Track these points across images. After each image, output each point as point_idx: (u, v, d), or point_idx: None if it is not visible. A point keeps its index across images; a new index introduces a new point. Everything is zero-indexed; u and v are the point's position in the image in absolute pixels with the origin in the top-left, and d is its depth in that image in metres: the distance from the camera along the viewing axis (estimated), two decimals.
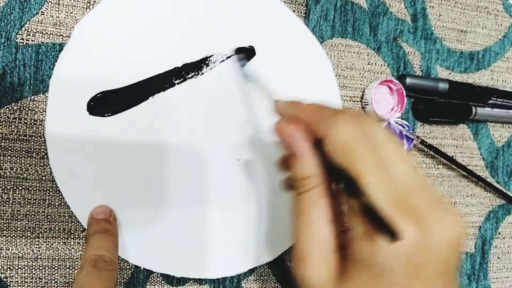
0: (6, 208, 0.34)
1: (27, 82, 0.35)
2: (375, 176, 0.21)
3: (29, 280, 0.35)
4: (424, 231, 0.20)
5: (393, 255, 0.20)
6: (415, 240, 0.20)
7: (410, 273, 0.20)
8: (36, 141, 0.35)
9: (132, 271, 0.37)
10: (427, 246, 0.20)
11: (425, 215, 0.21)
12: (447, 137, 0.48)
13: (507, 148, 0.51)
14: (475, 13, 0.50)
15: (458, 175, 0.49)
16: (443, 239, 0.21)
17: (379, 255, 0.20)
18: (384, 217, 0.20)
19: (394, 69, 0.46)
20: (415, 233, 0.20)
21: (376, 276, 0.21)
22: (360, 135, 0.22)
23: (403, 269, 0.20)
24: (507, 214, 0.51)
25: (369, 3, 0.45)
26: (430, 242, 0.20)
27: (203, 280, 0.38)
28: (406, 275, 0.20)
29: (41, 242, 0.35)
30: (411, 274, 0.20)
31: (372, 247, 0.20)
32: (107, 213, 0.35)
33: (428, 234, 0.20)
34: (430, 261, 0.21)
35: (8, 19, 0.34)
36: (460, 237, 0.21)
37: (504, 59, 0.52)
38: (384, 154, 0.22)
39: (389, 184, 0.21)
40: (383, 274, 0.20)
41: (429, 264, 0.21)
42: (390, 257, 0.20)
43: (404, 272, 0.20)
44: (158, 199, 0.37)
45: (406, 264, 0.20)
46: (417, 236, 0.20)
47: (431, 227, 0.20)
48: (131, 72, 0.36)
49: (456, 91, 0.47)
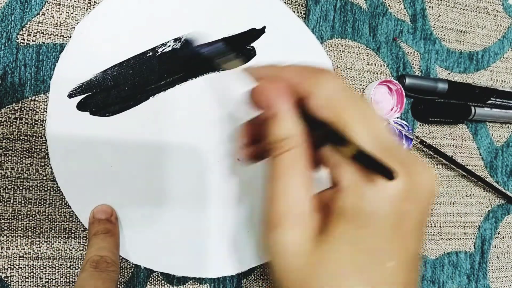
0: (7, 208, 0.34)
1: (28, 82, 0.35)
2: (361, 126, 0.21)
3: (30, 280, 0.35)
4: (409, 180, 0.21)
5: (383, 201, 0.20)
6: (403, 186, 0.20)
7: (396, 220, 0.21)
8: (37, 141, 0.35)
9: (132, 271, 0.37)
10: (413, 193, 0.21)
11: (408, 165, 0.21)
12: (446, 137, 0.49)
13: (506, 148, 0.51)
14: (474, 14, 0.51)
15: (457, 175, 0.49)
16: (425, 188, 0.21)
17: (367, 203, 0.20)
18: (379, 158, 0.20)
19: (393, 69, 0.46)
20: (403, 179, 0.20)
21: (360, 228, 0.21)
22: (343, 90, 0.22)
23: (390, 216, 0.20)
24: (506, 214, 0.51)
25: (368, 3, 0.45)
26: (415, 191, 0.21)
27: (203, 279, 0.39)
28: (392, 223, 0.21)
29: (42, 241, 0.35)
30: (397, 222, 0.21)
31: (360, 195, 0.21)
32: (109, 212, 0.35)
33: (413, 183, 0.21)
34: (414, 210, 0.21)
35: (9, 20, 0.34)
36: (435, 189, 0.22)
37: (503, 59, 0.52)
38: (365, 110, 0.22)
39: (375, 135, 0.21)
40: (368, 224, 0.21)
41: (412, 213, 0.21)
42: (379, 204, 0.20)
43: (390, 218, 0.20)
44: (158, 199, 0.37)
45: (394, 210, 0.20)
46: (405, 182, 0.20)
47: (416, 176, 0.21)
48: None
49: (456, 91, 0.47)
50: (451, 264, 0.48)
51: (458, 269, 0.48)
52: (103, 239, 0.33)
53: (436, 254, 0.47)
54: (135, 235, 0.36)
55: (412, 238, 0.21)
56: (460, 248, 0.48)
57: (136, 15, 0.37)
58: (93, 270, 0.30)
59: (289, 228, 0.21)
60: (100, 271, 0.30)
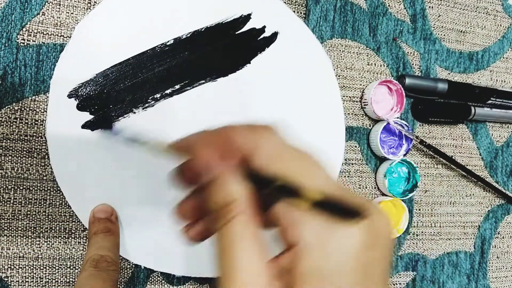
0: (7, 208, 0.34)
1: (28, 82, 0.35)
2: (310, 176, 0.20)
3: (30, 280, 0.35)
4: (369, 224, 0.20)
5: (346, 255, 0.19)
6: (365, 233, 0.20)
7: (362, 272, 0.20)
8: (37, 141, 0.35)
9: (132, 271, 0.37)
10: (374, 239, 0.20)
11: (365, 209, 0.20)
12: (446, 137, 0.49)
13: (506, 148, 0.51)
14: (474, 14, 0.51)
15: (457, 175, 0.49)
16: (384, 232, 0.21)
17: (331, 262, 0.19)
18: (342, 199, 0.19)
19: (393, 69, 0.46)
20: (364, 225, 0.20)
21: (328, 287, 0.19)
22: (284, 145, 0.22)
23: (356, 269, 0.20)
24: (506, 213, 0.51)
25: (368, 3, 0.45)
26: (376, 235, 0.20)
27: (203, 279, 0.39)
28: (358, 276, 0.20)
29: (42, 241, 0.35)
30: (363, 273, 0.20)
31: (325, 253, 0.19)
32: (109, 212, 0.35)
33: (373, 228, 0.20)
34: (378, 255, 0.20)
35: (9, 20, 0.34)
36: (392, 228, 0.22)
37: (503, 59, 0.52)
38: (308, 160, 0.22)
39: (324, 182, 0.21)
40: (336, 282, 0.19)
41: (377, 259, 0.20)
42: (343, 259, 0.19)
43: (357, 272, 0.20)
44: (158, 199, 0.37)
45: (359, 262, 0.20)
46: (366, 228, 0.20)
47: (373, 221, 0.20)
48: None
49: (455, 91, 0.47)
50: (451, 264, 0.48)
51: (458, 269, 0.48)
52: (103, 238, 0.33)
53: (436, 254, 0.47)
54: (135, 235, 0.36)
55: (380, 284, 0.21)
56: (460, 248, 0.48)
57: (136, 15, 0.37)
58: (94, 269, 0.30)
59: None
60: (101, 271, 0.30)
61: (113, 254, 0.32)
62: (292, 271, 0.20)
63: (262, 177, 0.21)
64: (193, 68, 0.38)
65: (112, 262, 0.32)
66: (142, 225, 0.36)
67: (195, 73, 0.38)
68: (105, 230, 0.34)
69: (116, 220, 0.35)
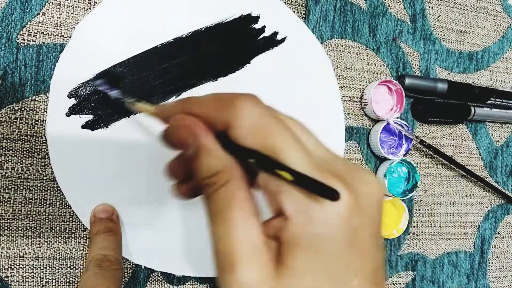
0: (8, 208, 0.34)
1: (28, 82, 0.35)
2: (293, 148, 0.20)
3: (30, 280, 0.35)
4: (354, 193, 0.20)
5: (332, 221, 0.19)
6: (349, 202, 0.19)
7: (349, 238, 0.20)
8: (37, 141, 0.35)
9: (132, 270, 0.37)
10: (360, 207, 0.20)
11: (349, 178, 0.20)
12: (446, 137, 0.49)
13: (506, 148, 0.51)
14: (474, 14, 0.51)
15: (457, 175, 0.49)
16: (371, 199, 0.20)
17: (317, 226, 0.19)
18: (319, 179, 0.19)
19: (393, 70, 0.46)
20: (348, 194, 0.19)
21: (317, 254, 0.20)
22: (267, 112, 0.21)
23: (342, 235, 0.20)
24: (505, 213, 0.51)
25: (368, 4, 0.46)
26: (362, 203, 0.20)
27: (203, 279, 0.39)
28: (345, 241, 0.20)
29: (42, 241, 0.35)
30: (350, 239, 0.20)
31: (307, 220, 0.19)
32: (110, 211, 0.35)
33: (358, 196, 0.20)
34: (365, 223, 0.20)
35: (9, 20, 0.35)
36: (383, 194, 0.21)
37: (503, 59, 0.52)
38: (295, 129, 0.21)
39: (308, 154, 0.20)
40: (323, 248, 0.20)
41: (365, 226, 0.20)
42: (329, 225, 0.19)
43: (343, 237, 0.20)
44: (158, 198, 0.37)
45: (345, 228, 0.20)
46: (350, 197, 0.19)
47: (358, 189, 0.20)
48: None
49: (455, 91, 0.47)
50: (451, 264, 0.48)
51: (458, 269, 0.48)
52: (105, 238, 0.33)
53: (436, 254, 0.47)
54: (135, 235, 0.36)
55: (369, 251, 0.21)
56: (460, 248, 0.48)
57: (135, 16, 0.37)
58: (97, 269, 0.30)
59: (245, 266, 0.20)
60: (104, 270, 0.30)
61: (115, 254, 0.32)
62: (281, 237, 0.20)
63: (242, 148, 0.20)
64: (193, 68, 0.38)
65: (115, 261, 0.32)
66: (142, 225, 0.36)
67: (195, 72, 0.38)
68: (107, 230, 0.34)
69: (117, 220, 0.35)
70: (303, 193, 0.20)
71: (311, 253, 0.20)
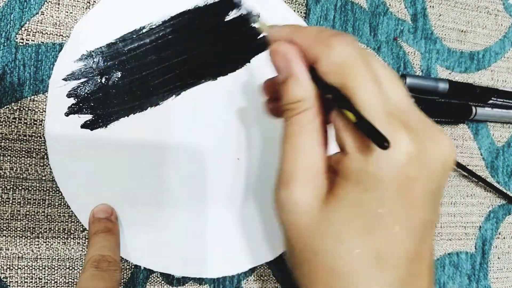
0: (6, 208, 0.34)
1: (27, 82, 0.35)
2: (368, 90, 0.21)
3: (29, 280, 0.35)
4: (418, 145, 0.20)
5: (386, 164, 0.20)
6: (408, 151, 0.20)
7: (401, 185, 0.20)
8: (36, 141, 0.35)
9: (132, 271, 0.37)
10: (421, 160, 0.20)
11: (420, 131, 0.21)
12: None
13: (507, 148, 0.51)
14: (475, 13, 0.50)
15: (458, 175, 0.49)
16: (437, 157, 0.21)
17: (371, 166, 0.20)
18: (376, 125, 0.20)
19: (394, 69, 0.46)
20: (409, 144, 0.20)
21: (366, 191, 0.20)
22: (356, 55, 0.21)
23: (394, 180, 0.20)
24: (507, 214, 0.51)
25: (369, 3, 0.45)
26: (424, 157, 0.20)
27: (203, 279, 0.38)
28: (396, 187, 0.20)
29: (41, 242, 0.35)
30: (402, 187, 0.20)
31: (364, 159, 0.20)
32: (109, 211, 0.35)
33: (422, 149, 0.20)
34: (423, 176, 0.21)
35: (8, 19, 0.34)
36: (453, 159, 0.21)
37: (504, 59, 0.52)
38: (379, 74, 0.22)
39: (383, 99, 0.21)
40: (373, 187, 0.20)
41: (421, 180, 0.21)
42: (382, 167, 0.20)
43: (395, 183, 0.20)
44: (158, 198, 0.37)
45: (398, 175, 0.20)
46: (410, 147, 0.20)
47: (425, 143, 0.20)
48: None
49: (456, 91, 0.47)
50: (452, 264, 0.48)
51: (459, 269, 0.48)
52: (103, 237, 0.33)
53: (437, 254, 0.47)
54: (135, 235, 0.36)
55: (420, 206, 0.21)
56: (461, 248, 0.48)
57: (135, 15, 0.37)
58: (95, 269, 0.30)
59: (299, 185, 0.22)
60: (102, 271, 0.30)
61: (114, 254, 0.32)
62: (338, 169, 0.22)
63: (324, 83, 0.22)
64: (192, 68, 0.38)
65: (113, 262, 0.31)
66: (141, 226, 0.36)
67: (195, 72, 0.38)
68: (105, 230, 0.34)
69: (116, 220, 0.35)
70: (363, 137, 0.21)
71: (360, 189, 0.21)
